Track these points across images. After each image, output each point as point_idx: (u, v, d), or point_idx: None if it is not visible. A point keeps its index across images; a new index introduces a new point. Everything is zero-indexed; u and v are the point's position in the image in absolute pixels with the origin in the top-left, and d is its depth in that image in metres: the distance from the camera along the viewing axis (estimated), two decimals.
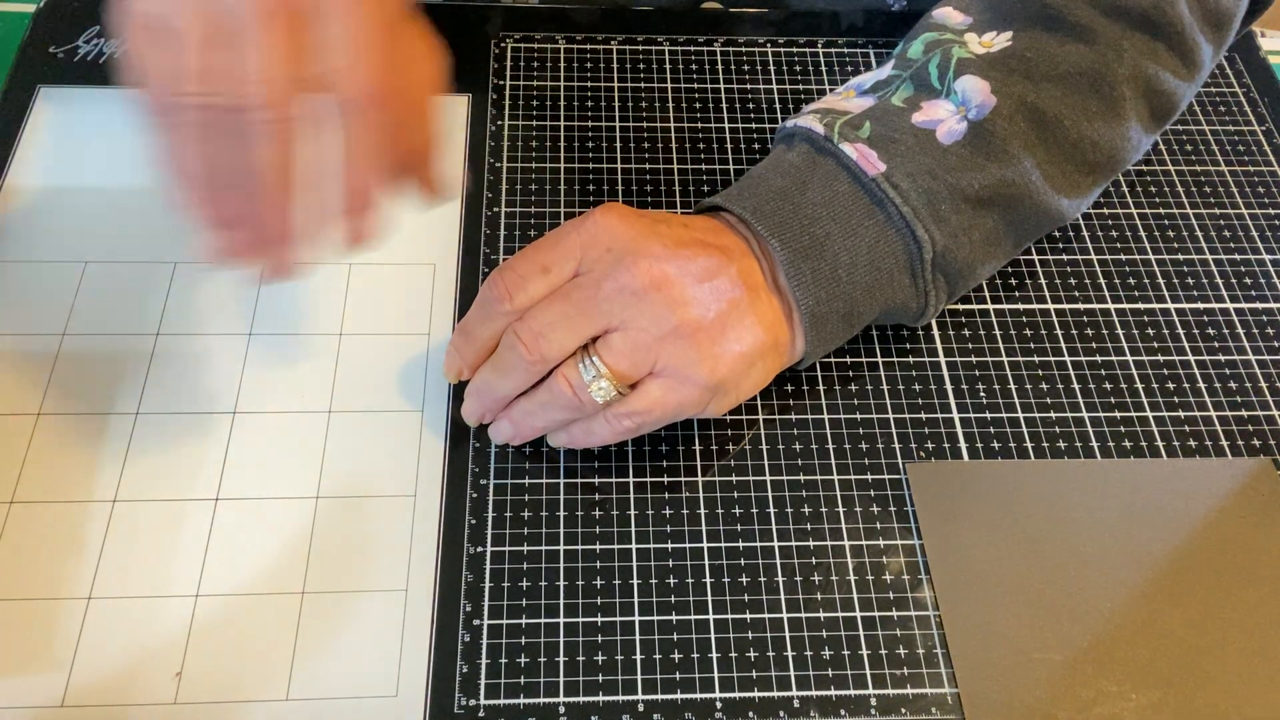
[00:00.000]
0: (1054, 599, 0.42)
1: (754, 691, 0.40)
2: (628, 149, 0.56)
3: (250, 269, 0.36)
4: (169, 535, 0.43)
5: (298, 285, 0.50)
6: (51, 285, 0.49)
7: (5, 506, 0.43)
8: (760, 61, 0.60)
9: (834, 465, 0.46)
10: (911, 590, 0.43)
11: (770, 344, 0.43)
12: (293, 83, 0.33)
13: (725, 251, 0.43)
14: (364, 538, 0.43)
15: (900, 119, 0.46)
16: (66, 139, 0.54)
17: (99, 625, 0.40)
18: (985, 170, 0.45)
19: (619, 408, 0.41)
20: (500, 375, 0.42)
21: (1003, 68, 0.47)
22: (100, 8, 0.59)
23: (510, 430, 0.44)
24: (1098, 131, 0.47)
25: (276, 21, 0.32)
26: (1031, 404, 0.48)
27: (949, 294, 0.47)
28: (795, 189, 0.45)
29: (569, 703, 0.40)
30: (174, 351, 0.47)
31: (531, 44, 0.60)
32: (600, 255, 0.41)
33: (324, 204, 0.35)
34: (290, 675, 0.40)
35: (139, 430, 0.45)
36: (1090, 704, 0.40)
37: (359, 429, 0.46)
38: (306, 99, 0.33)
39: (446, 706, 0.39)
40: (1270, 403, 0.49)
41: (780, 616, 0.42)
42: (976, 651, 0.41)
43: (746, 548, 0.44)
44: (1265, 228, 0.55)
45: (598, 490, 0.45)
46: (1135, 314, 0.51)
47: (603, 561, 0.43)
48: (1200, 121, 0.59)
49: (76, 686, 0.39)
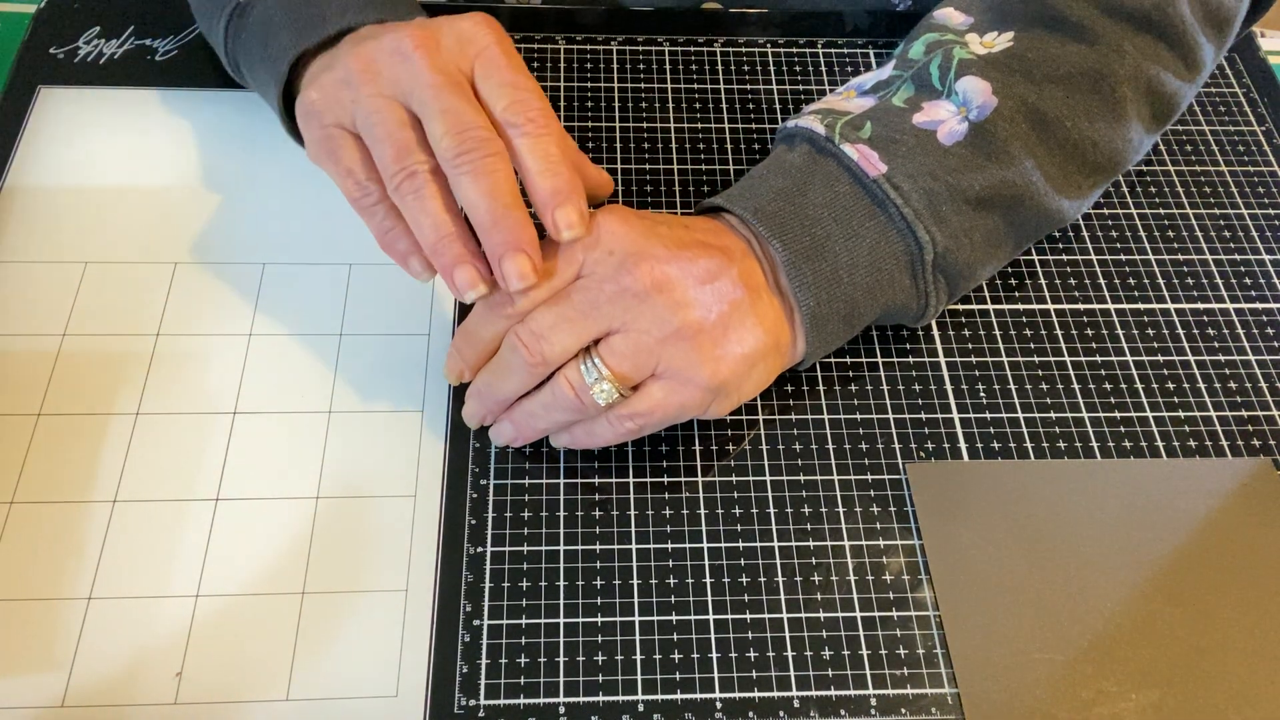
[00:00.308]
0: (1054, 599, 0.42)
1: (754, 691, 0.40)
2: (628, 149, 0.56)
3: (527, 282, 0.40)
4: (169, 535, 0.43)
5: (298, 286, 0.50)
6: (52, 286, 0.49)
7: (6, 507, 0.43)
8: (760, 62, 0.60)
9: (834, 465, 0.46)
10: (911, 590, 0.43)
11: (772, 345, 0.43)
12: (487, 127, 0.40)
13: (726, 253, 0.43)
14: (364, 538, 0.43)
15: (901, 120, 0.46)
16: (67, 140, 0.54)
17: (99, 625, 0.40)
18: (986, 171, 0.45)
19: (621, 409, 0.41)
20: (502, 377, 0.42)
21: (1004, 68, 0.47)
22: (100, 8, 0.59)
23: (511, 432, 0.44)
24: (1099, 132, 0.47)
25: (446, 86, 0.40)
26: (1031, 404, 0.48)
27: (949, 295, 0.47)
28: (796, 190, 0.45)
29: (569, 703, 0.40)
30: (174, 352, 0.47)
31: (532, 45, 0.60)
32: (602, 258, 0.41)
33: (535, 207, 0.40)
34: (290, 675, 0.40)
35: (139, 431, 0.45)
36: (1090, 704, 0.40)
37: (359, 429, 0.46)
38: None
39: (446, 707, 0.39)
40: (1270, 403, 0.49)
41: (780, 616, 0.42)
42: (976, 651, 0.41)
43: (746, 548, 0.44)
44: (1265, 228, 0.55)
45: (598, 490, 0.45)
46: (1135, 314, 0.51)
47: (603, 561, 0.43)
48: (1200, 122, 0.59)
49: (77, 687, 0.39)
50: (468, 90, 0.40)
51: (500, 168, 0.39)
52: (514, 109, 0.40)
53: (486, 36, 0.41)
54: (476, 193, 0.39)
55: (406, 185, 0.40)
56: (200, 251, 0.51)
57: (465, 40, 0.41)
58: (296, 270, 0.50)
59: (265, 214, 0.52)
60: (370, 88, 0.41)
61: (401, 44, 0.41)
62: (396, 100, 0.41)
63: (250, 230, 0.51)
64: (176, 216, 0.52)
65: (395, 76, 0.41)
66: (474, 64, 0.41)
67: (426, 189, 0.40)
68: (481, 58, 0.41)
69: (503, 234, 0.39)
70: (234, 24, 0.48)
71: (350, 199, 0.42)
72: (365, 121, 0.41)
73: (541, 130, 0.40)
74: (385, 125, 0.40)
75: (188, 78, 0.57)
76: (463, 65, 0.41)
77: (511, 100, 0.40)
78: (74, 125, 0.55)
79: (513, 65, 0.41)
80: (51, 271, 0.49)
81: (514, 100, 0.40)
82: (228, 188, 0.53)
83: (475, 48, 0.41)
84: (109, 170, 0.53)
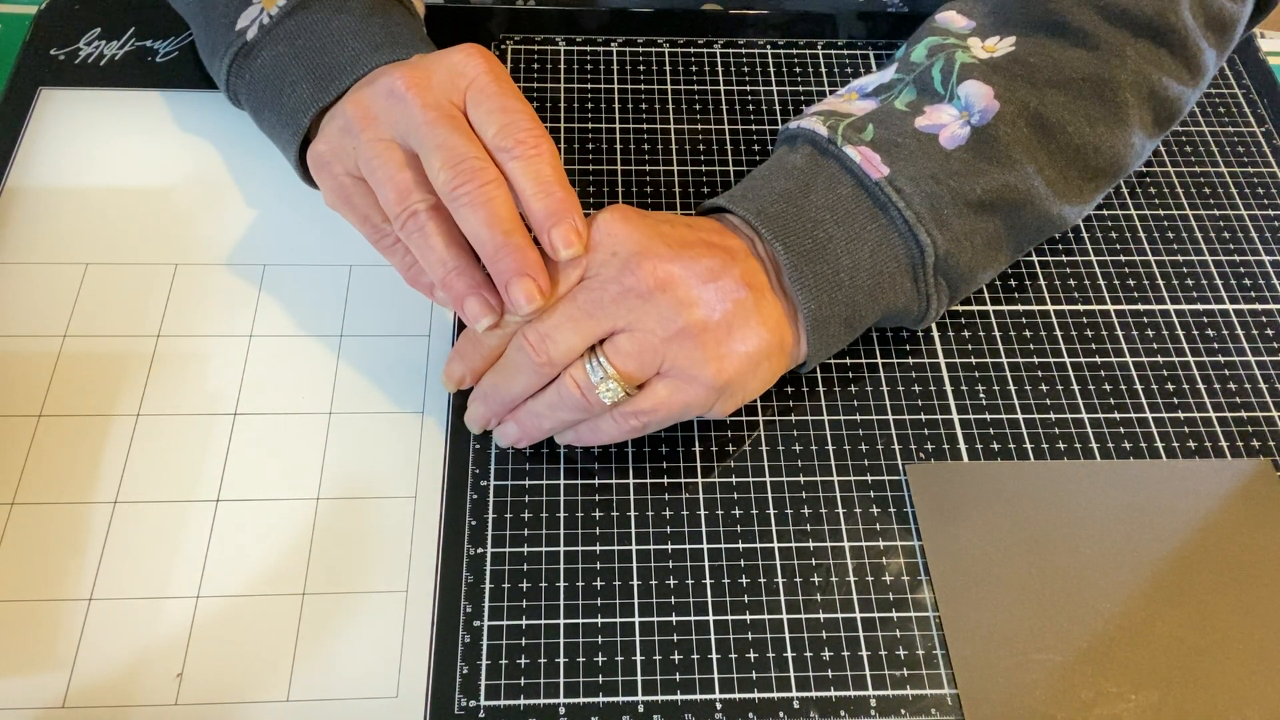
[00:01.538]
0: (1054, 599, 0.42)
1: (754, 692, 0.40)
2: (628, 151, 0.56)
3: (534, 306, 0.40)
4: (170, 536, 0.43)
5: (298, 287, 0.50)
6: (53, 287, 0.49)
7: (7, 508, 0.43)
8: (760, 63, 0.60)
9: (834, 466, 0.46)
10: (911, 591, 0.43)
11: (775, 344, 0.43)
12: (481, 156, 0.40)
13: (729, 252, 0.43)
14: (364, 539, 0.43)
15: (903, 123, 0.47)
16: (67, 141, 0.54)
17: (100, 626, 0.41)
18: (988, 175, 0.45)
19: (626, 407, 0.41)
20: (508, 379, 0.43)
21: (1006, 73, 0.47)
22: (100, 10, 0.59)
23: (516, 432, 0.44)
24: (1100, 137, 0.47)
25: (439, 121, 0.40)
26: (1031, 405, 0.48)
27: (950, 297, 0.47)
28: (798, 191, 0.45)
29: (569, 703, 0.40)
30: (175, 353, 0.47)
31: (532, 46, 0.60)
32: (606, 258, 0.41)
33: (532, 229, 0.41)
34: (291, 676, 0.40)
35: (140, 432, 0.45)
36: (1090, 705, 0.40)
37: (359, 430, 0.46)
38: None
39: (447, 707, 0.40)
40: (1270, 403, 0.49)
41: (780, 617, 0.42)
42: (976, 652, 0.41)
43: (746, 548, 0.44)
44: (1265, 228, 0.55)
45: (598, 491, 0.45)
46: (1135, 315, 0.51)
47: (603, 562, 0.43)
48: (1200, 123, 0.59)
49: (77, 687, 0.39)
50: (461, 122, 0.41)
51: (496, 195, 0.40)
52: (504, 133, 0.40)
53: (476, 66, 0.42)
54: (476, 223, 0.40)
55: (410, 225, 0.41)
56: (201, 253, 0.51)
57: (456, 73, 0.42)
58: (297, 271, 0.50)
59: (266, 215, 0.52)
60: (370, 133, 0.42)
61: (394, 86, 0.41)
62: (395, 142, 0.42)
63: (251, 231, 0.51)
64: (177, 218, 0.52)
65: (392, 119, 0.42)
66: (465, 95, 0.42)
67: (428, 226, 0.41)
68: (472, 88, 0.41)
69: (506, 261, 0.40)
70: (238, 64, 0.48)
71: (371, 242, 0.44)
72: (367, 166, 0.42)
73: (531, 152, 0.40)
74: (386, 169, 0.41)
75: (188, 79, 0.57)
76: (454, 98, 0.42)
77: (501, 125, 0.41)
78: (74, 126, 0.55)
79: (502, 91, 0.41)
80: (52, 272, 0.49)
81: (504, 125, 0.41)
82: (228, 189, 0.53)
83: (465, 79, 0.42)
84: (109, 171, 0.53)
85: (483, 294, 0.41)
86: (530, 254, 0.40)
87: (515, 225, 0.40)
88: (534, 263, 0.40)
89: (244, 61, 0.48)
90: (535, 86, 0.58)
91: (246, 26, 0.48)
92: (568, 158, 0.55)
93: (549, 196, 0.40)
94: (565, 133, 0.56)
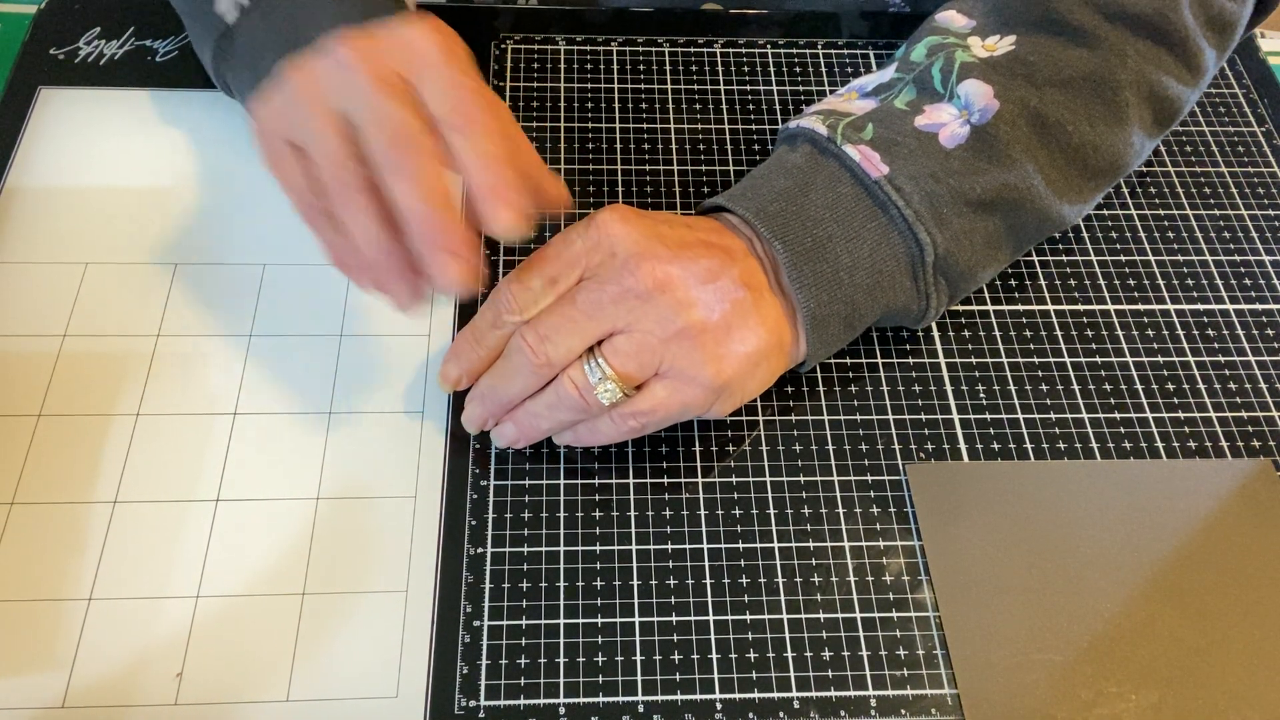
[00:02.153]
0: (1054, 599, 0.42)
1: (754, 692, 0.40)
2: (628, 150, 0.56)
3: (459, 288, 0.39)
4: (169, 536, 0.43)
5: (298, 287, 0.50)
6: (52, 286, 0.49)
7: (6, 508, 0.43)
8: (760, 63, 0.60)
9: (834, 466, 0.46)
10: (911, 591, 0.43)
11: (775, 344, 0.43)
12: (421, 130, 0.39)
13: (728, 252, 0.43)
14: (364, 539, 0.43)
15: (903, 122, 0.47)
16: (67, 140, 0.54)
17: (100, 626, 0.41)
18: (987, 174, 0.45)
19: (624, 408, 0.41)
20: (506, 380, 0.43)
21: (1006, 72, 0.47)
22: (100, 9, 0.59)
23: (514, 433, 0.44)
24: (1100, 136, 0.47)
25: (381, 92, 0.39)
26: (1031, 405, 0.48)
27: (950, 296, 0.47)
28: (798, 190, 0.45)
29: (569, 703, 0.40)
30: (175, 352, 0.47)
31: (532, 45, 0.60)
32: (604, 260, 0.41)
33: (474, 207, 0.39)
34: (290, 676, 0.40)
35: (140, 431, 0.45)
36: (1090, 705, 0.40)
37: (359, 430, 0.46)
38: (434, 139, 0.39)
39: (447, 707, 0.39)
40: (1270, 403, 0.49)
41: (780, 617, 0.42)
42: (976, 652, 0.41)
43: (746, 548, 0.44)
44: (1265, 228, 0.55)
45: (598, 491, 0.45)
46: (1135, 315, 0.51)
47: (603, 562, 0.43)
48: (1200, 123, 0.59)
49: (77, 687, 0.39)
50: (406, 95, 0.39)
51: (433, 170, 0.38)
52: (452, 110, 0.39)
53: (429, 41, 0.40)
54: (403, 196, 0.38)
55: (342, 197, 0.39)
56: (201, 252, 0.51)
57: (408, 46, 0.40)
58: (297, 271, 0.50)
59: (266, 214, 0.52)
60: (313, 103, 0.40)
61: (341, 55, 0.40)
62: (335, 112, 0.40)
63: (251, 231, 0.51)
64: (177, 217, 0.52)
65: (335, 87, 0.40)
66: (417, 69, 0.40)
67: (360, 200, 0.39)
68: (424, 62, 0.40)
69: (435, 236, 0.38)
70: (222, 48, 0.47)
71: (299, 213, 0.42)
72: (305, 136, 0.40)
73: (477, 129, 0.39)
74: (325, 141, 0.40)
75: (188, 78, 0.57)
76: (404, 71, 0.40)
77: (452, 102, 0.39)
78: (74, 126, 0.55)
79: (454, 66, 0.40)
80: (52, 272, 0.49)
81: (454, 102, 0.39)
82: (228, 188, 0.53)
83: (417, 53, 0.40)
84: (109, 171, 0.53)
85: (409, 275, 0.40)
86: (460, 231, 0.39)
87: (448, 202, 0.38)
88: (461, 240, 0.38)
89: (227, 46, 0.47)
90: (535, 86, 0.58)
91: (225, 10, 0.47)
92: (568, 157, 0.55)
93: (487, 171, 0.38)
94: (565, 132, 0.56)
